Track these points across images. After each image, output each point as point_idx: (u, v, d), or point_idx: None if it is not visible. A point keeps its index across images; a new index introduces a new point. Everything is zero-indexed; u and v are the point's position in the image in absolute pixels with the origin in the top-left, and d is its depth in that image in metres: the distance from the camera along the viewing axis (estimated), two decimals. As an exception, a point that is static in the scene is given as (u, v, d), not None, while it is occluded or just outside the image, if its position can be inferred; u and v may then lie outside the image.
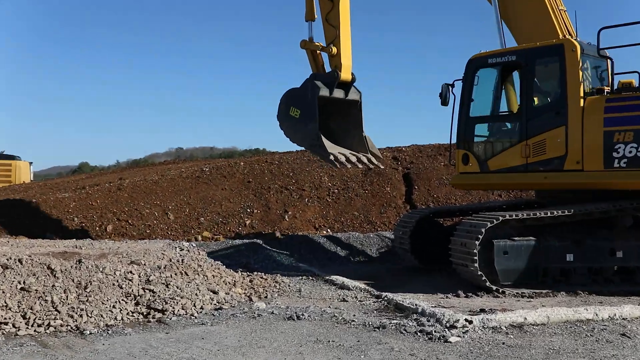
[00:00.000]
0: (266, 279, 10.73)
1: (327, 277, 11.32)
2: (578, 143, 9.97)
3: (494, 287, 9.33)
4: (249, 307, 8.70)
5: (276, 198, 16.78)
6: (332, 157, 11.69)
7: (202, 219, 15.95)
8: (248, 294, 9.52)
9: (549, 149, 10.28)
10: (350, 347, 6.74)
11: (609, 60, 10.56)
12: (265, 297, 9.56)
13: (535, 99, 10.74)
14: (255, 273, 11.27)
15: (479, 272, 9.27)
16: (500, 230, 9.53)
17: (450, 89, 11.53)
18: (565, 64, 10.20)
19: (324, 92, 11.79)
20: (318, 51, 12.25)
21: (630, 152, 9.48)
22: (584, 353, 6.45)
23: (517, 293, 9.29)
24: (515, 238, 9.55)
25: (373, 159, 12.44)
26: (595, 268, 9.71)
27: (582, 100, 10.01)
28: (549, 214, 9.54)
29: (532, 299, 9.03)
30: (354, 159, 12.14)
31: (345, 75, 11.92)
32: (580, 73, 10.08)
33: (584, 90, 10.07)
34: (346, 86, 12.14)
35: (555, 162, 10.21)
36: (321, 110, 11.82)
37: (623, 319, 7.81)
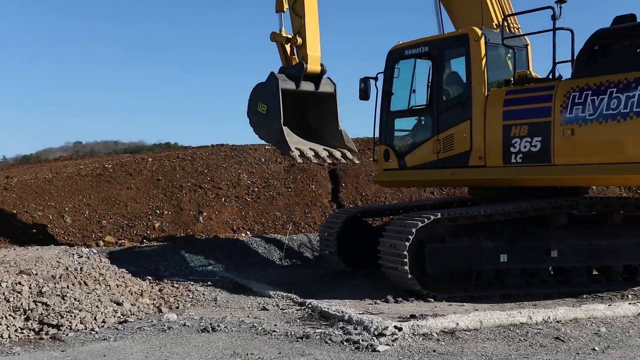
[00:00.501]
0: (178, 288, 10.67)
1: (246, 284, 11.35)
2: (481, 138, 10.41)
3: (425, 291, 9.56)
4: (158, 319, 8.64)
5: (189, 198, 16.65)
6: (294, 153, 12.01)
7: (105, 221, 15.67)
8: (157, 305, 9.45)
9: (456, 145, 10.73)
10: (270, 359, 6.81)
11: (513, 49, 11.07)
12: (177, 307, 9.51)
13: (445, 91, 11.19)
14: (166, 281, 11.20)
15: (410, 276, 9.46)
16: (431, 231, 9.78)
17: (374, 82, 12.00)
18: (470, 55, 10.61)
19: (288, 85, 12.16)
20: (286, 43, 12.65)
21: (524, 146, 9.89)
22: (518, 359, 6.73)
23: (449, 297, 9.56)
24: (448, 239, 9.82)
25: (347, 154, 12.83)
26: (529, 269, 10.10)
27: (486, 93, 10.45)
28: (482, 212, 9.85)
29: (464, 303, 9.30)
30: (324, 154, 12.53)
31: (312, 66, 12.30)
32: (484, 64, 10.49)
33: (488, 82, 10.49)
34: (316, 78, 12.50)
35: (462, 158, 10.65)
36: (294, 104, 12.42)
37: (557, 321, 8.18)
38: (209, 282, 11.60)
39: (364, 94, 12.08)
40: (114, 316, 8.60)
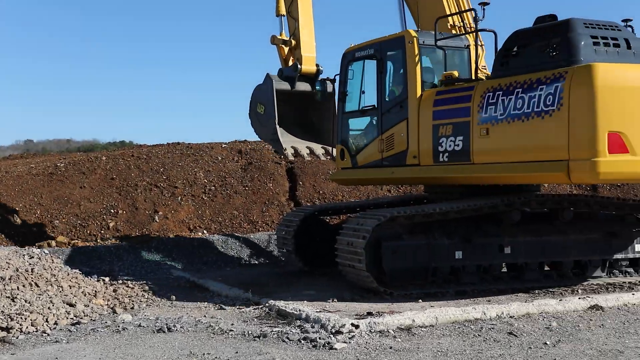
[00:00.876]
0: (133, 288, 10.57)
1: (202, 284, 11.30)
2: (415, 137, 10.72)
3: (382, 289, 9.62)
4: (112, 320, 8.55)
5: (144, 197, 16.48)
6: (287, 152, 12.56)
7: (57, 221, 15.43)
8: (111, 306, 9.35)
9: (396, 144, 11.05)
10: (227, 359, 6.79)
11: (451, 50, 11.31)
12: (132, 308, 9.42)
13: (388, 93, 11.49)
14: (120, 281, 11.09)
15: (367, 273, 9.51)
16: (388, 229, 9.85)
17: (332, 83, 12.51)
18: (405, 56, 10.95)
19: (283, 86, 12.62)
20: (285, 46, 13.07)
21: (450, 146, 10.18)
22: (472, 354, 6.83)
23: (405, 294, 9.63)
24: (404, 236, 9.90)
25: None
26: (484, 266, 10.24)
27: (419, 94, 10.77)
28: (437, 210, 9.95)
29: (421, 300, 9.38)
30: (320, 151, 13.02)
31: (307, 67, 12.72)
32: (418, 65, 10.84)
33: (422, 83, 10.83)
34: (312, 78, 12.92)
35: (400, 157, 10.98)
36: (297, 103, 12.97)
37: (510, 317, 8.32)
38: (165, 282, 11.51)
39: (322, 95, 12.58)
40: (67, 318, 8.47)
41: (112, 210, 15.95)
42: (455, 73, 10.67)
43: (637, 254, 10.98)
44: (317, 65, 12.89)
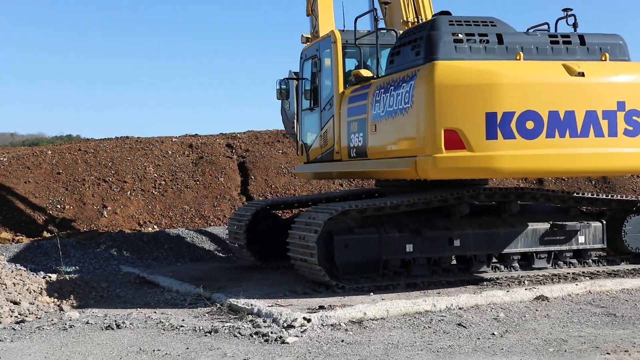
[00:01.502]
0: (80, 285, 10.38)
1: (152, 280, 11.19)
2: (338, 134, 11.25)
3: (334, 282, 9.65)
4: (59, 318, 8.40)
5: (92, 192, 16.22)
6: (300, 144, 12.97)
7: (1, 217, 15.09)
8: (58, 303, 9.19)
9: (329, 140, 11.63)
10: (178, 355, 6.72)
11: (360, 48, 11.48)
12: (79, 305, 9.26)
13: (324, 91, 11.96)
14: (67, 278, 10.88)
15: (318, 267, 9.52)
16: (339, 222, 9.89)
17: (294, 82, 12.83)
18: (332, 55, 11.47)
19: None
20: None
21: (356, 142, 10.68)
22: (422, 345, 6.90)
23: (357, 287, 9.68)
24: (356, 230, 9.95)
25: None
26: (434, 258, 10.35)
27: (341, 91, 11.28)
28: (388, 204, 10.03)
29: (372, 293, 9.43)
30: None
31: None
32: (340, 64, 11.31)
33: (344, 81, 11.31)
34: None
35: (330, 152, 11.57)
36: None
37: (459, 308, 8.43)
38: (114, 278, 11.36)
39: (279, 94, 12.91)
40: (11, 316, 8.30)
41: (59, 206, 15.66)
42: (363, 72, 11.02)
43: (581, 245, 11.23)
44: None
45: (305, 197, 13.97)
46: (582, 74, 9.23)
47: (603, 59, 9.71)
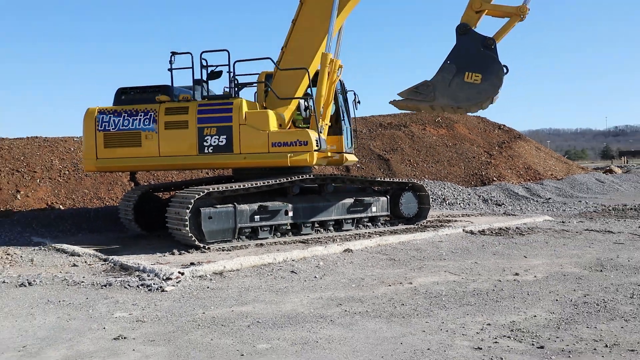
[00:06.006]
0: (-2, 253, 9.46)
1: (58, 247, 10.39)
2: None
3: (202, 245, 9.50)
4: (-21, 280, 7.60)
5: (7, 180, 14.73)
6: None
7: None
8: (-21, 268, 8.31)
9: None
10: (79, 304, 6.34)
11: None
12: (-3, 269, 8.44)
13: None
14: (-13, 248, 9.86)
15: (190, 234, 9.33)
16: (205, 200, 9.72)
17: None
18: None
19: None
20: None
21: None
22: (266, 287, 6.99)
23: (219, 248, 9.59)
24: (217, 206, 9.83)
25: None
26: (275, 225, 10.47)
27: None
28: (242, 187, 9.99)
29: (230, 252, 9.41)
30: None
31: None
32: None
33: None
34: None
35: None
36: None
37: (292, 260, 8.60)
38: (26, 247, 10.42)
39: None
40: (-62, 280, 7.39)
41: (-22, 191, 14.08)
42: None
43: (373, 213, 11.81)
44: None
45: (179, 182, 13.52)
46: None
47: None
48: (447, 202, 17.57)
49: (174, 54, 10.49)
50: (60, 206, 14.41)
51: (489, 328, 5.15)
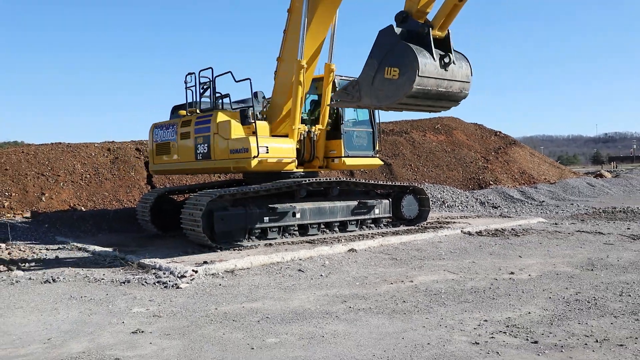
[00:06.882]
0: (24, 251, 9.53)
1: (81, 246, 10.44)
2: None
3: (214, 245, 9.52)
4: (7, 276, 7.64)
5: (33, 183, 14.82)
6: None
7: (-41, 203, 13.44)
8: (7, 265, 8.36)
9: None
10: (100, 299, 6.37)
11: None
12: (24, 266, 8.48)
13: None
14: (14, 246, 9.92)
15: (203, 235, 9.35)
16: (218, 203, 9.75)
17: None
18: None
19: None
20: None
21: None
22: (275, 285, 6.99)
23: (230, 248, 9.59)
24: (229, 208, 9.85)
25: None
26: (283, 226, 10.48)
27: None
28: (251, 190, 10.00)
29: (241, 251, 9.41)
30: None
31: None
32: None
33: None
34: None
35: None
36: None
37: (300, 259, 8.60)
38: (51, 246, 10.48)
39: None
40: (-32, 277, 7.45)
41: (7, 193, 14.19)
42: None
43: (376, 215, 11.80)
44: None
45: (193, 185, 13.57)
46: None
47: None
48: (446, 205, 17.52)
49: (189, 74, 10.93)
50: (82, 208, 14.49)
51: (485, 324, 5.14)
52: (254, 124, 10.07)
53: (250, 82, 10.09)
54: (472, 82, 7.36)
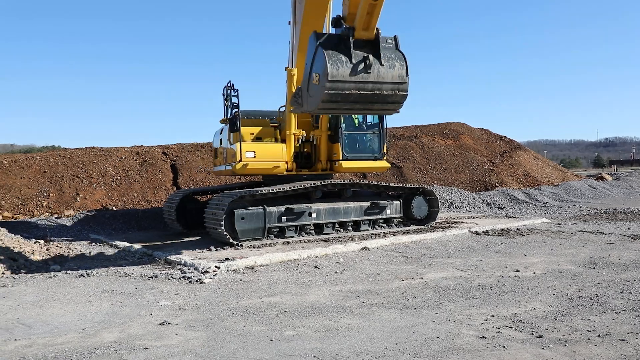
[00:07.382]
0: (61, 247, 9.66)
1: (112, 243, 10.57)
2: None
3: (235, 242, 9.55)
4: (45, 270, 7.78)
5: (69, 184, 15.06)
6: None
7: (3, 202, 13.69)
8: (45, 260, 8.49)
9: None
10: (130, 293, 6.43)
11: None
12: (60, 260, 8.61)
13: None
14: (51, 243, 10.08)
15: (225, 233, 9.40)
16: (238, 203, 9.79)
17: None
18: None
19: None
20: None
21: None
22: (292, 280, 6.99)
23: (250, 245, 9.63)
24: (249, 208, 9.89)
25: None
26: (300, 225, 10.48)
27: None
28: (270, 191, 10.03)
29: (260, 248, 9.44)
30: None
31: None
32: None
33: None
34: None
35: None
36: None
37: (315, 257, 8.59)
38: (85, 242, 10.62)
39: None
40: (11, 269, 7.58)
41: (45, 194, 14.44)
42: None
43: (388, 215, 11.73)
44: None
45: (216, 187, 13.65)
46: None
47: None
48: (454, 206, 17.39)
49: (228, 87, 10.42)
50: (113, 207, 14.66)
51: (492, 319, 5.08)
52: (239, 132, 10.28)
53: (238, 94, 10.09)
54: (409, 82, 6.59)
